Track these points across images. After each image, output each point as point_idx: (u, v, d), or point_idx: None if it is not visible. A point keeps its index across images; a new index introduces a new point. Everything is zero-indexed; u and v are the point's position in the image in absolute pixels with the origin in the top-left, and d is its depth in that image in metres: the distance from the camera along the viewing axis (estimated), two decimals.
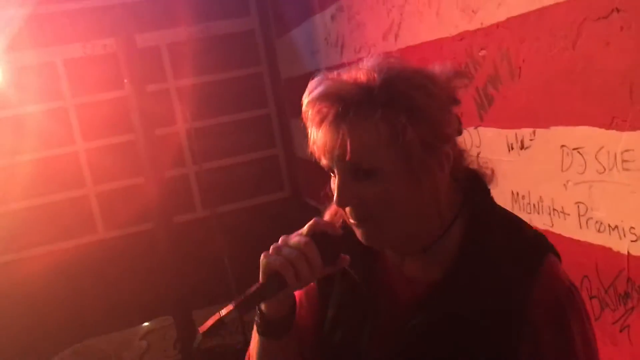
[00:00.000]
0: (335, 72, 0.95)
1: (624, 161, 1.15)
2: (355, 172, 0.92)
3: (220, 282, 3.54)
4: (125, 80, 3.22)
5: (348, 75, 0.93)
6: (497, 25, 1.47)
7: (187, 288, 3.55)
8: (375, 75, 0.91)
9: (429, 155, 0.92)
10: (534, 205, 1.47)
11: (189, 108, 3.85)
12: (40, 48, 3.65)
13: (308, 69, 3.14)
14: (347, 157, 0.90)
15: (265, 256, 0.93)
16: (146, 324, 3.92)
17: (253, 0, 3.95)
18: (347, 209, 0.95)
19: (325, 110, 0.92)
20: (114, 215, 3.78)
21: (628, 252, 1.20)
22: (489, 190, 1.03)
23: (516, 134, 1.47)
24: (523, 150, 1.46)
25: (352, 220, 0.96)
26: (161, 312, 3.85)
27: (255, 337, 1.04)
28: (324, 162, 0.95)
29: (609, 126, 1.17)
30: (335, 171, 0.94)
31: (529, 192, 1.48)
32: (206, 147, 3.96)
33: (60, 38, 3.67)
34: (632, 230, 1.17)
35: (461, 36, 1.63)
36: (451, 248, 0.98)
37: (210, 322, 0.89)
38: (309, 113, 0.94)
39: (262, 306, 0.99)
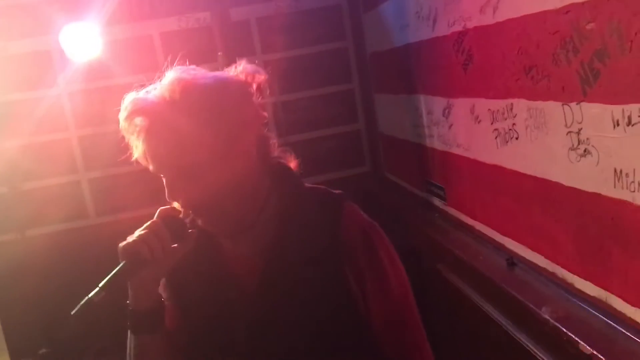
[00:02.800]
0: (143, 91, 1.16)
1: None
2: (175, 171, 1.10)
3: None
4: (220, 53, 3.33)
5: (153, 92, 1.13)
6: None
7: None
8: (175, 88, 1.09)
9: (233, 145, 1.10)
10: (639, 183, 1.43)
11: (276, 81, 3.94)
12: (138, 22, 3.82)
13: (396, 44, 3.14)
14: (164, 161, 1.09)
15: (121, 243, 1.08)
16: None
17: None
18: (180, 203, 1.14)
19: (138, 124, 1.10)
20: None
21: None
22: (293, 170, 1.26)
23: (623, 110, 1.43)
24: (630, 126, 1.42)
25: (188, 212, 1.14)
26: None
27: (130, 341, 1.17)
28: (151, 168, 1.11)
29: None
30: (162, 175, 1.12)
31: (633, 170, 1.44)
32: (291, 120, 4.05)
33: (156, 12, 3.84)
34: None
35: (567, 9, 1.59)
36: (271, 221, 1.19)
37: (79, 306, 1.01)
38: (127, 128, 1.13)
39: (130, 299, 1.13)
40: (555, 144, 1.75)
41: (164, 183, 1.13)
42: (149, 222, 1.12)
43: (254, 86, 1.17)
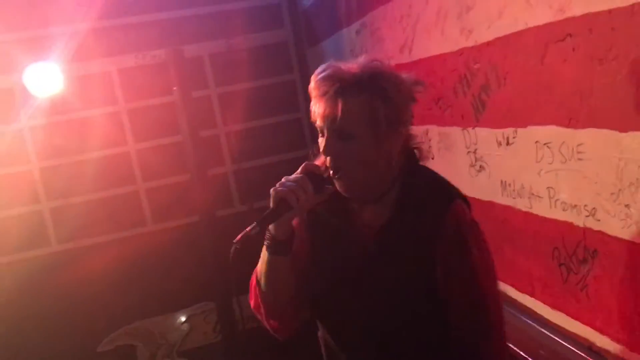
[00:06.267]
0: (341, 62, 1.35)
1: (578, 152, 1.46)
2: (339, 133, 1.31)
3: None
4: (175, 88, 3.60)
5: (347, 66, 1.32)
6: (487, 43, 1.79)
7: (228, 276, 3.90)
8: (365, 70, 1.31)
9: (390, 130, 1.31)
10: (517, 191, 1.78)
11: (228, 112, 4.24)
12: (98, 59, 4.06)
13: None
14: (336, 122, 1.29)
15: (274, 189, 1.33)
16: (189, 308, 4.30)
17: (287, 15, 4.30)
18: (328, 159, 1.34)
19: (326, 87, 1.29)
20: (162, 209, 4.18)
21: (584, 225, 1.51)
22: (418, 160, 1.43)
23: (503, 133, 1.79)
24: (508, 146, 1.77)
25: (331, 172, 1.35)
26: (203, 298, 4.24)
27: (263, 259, 1.43)
28: (318, 124, 1.34)
29: (567, 125, 1.48)
30: (325, 131, 1.33)
31: (514, 181, 1.79)
32: (243, 148, 4.33)
33: (114, 49, 4.09)
34: (586, 208, 1.48)
35: (460, 52, 1.95)
36: (392, 200, 1.39)
37: (240, 236, 1.29)
38: (315, 86, 1.33)
39: (272, 230, 1.37)
40: (459, 162, 2.10)
41: (322, 141, 1.33)
42: (297, 176, 1.34)
43: (414, 94, 1.37)
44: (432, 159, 2.33)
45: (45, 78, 3.76)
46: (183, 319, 4.31)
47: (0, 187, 3.89)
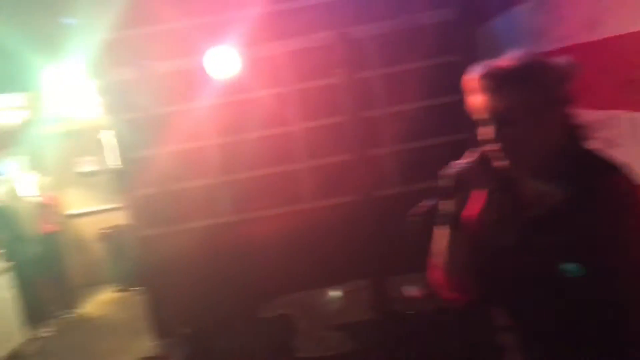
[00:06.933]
0: (492, 60, 1.46)
1: None
2: (502, 121, 1.45)
3: (414, 253, 3.88)
4: (340, 70, 3.67)
5: (502, 62, 1.45)
6: None
7: (384, 256, 3.96)
8: (518, 63, 1.44)
9: (547, 111, 1.45)
10: None
11: (390, 94, 4.24)
12: (269, 42, 4.27)
13: None
14: (497, 113, 1.45)
15: (446, 170, 1.52)
16: (345, 284, 4.42)
17: None
18: (496, 145, 1.49)
19: (487, 83, 1.44)
20: (323, 187, 4.32)
21: None
22: (581, 138, 1.50)
23: None
24: None
25: (500, 153, 1.49)
26: (359, 275, 4.34)
27: (441, 235, 1.61)
28: (481, 116, 1.47)
29: None
30: (489, 122, 1.46)
31: None
32: (404, 129, 4.31)
33: (284, 32, 4.26)
34: None
35: None
36: (555, 174, 1.48)
37: (416, 210, 1.47)
38: (475, 85, 1.46)
39: (445, 206, 1.56)
40: None
41: (486, 130, 1.47)
42: (467, 160, 1.53)
43: (568, 76, 1.45)
44: (616, 146, 2.15)
45: (223, 61, 4.04)
46: (339, 294, 4.44)
47: (181, 160, 4.28)
